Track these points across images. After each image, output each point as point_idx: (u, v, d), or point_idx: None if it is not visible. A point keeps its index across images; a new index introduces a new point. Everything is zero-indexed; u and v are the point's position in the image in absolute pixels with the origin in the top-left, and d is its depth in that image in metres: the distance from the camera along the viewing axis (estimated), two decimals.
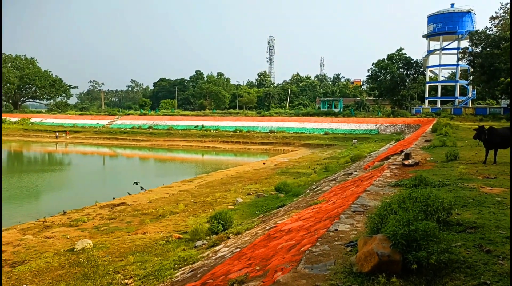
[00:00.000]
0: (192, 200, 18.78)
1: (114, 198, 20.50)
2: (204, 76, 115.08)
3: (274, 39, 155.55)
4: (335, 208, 7.33)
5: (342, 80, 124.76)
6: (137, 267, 8.85)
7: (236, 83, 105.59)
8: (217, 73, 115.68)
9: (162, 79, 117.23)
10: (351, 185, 11.01)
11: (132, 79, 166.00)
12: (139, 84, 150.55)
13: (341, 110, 68.19)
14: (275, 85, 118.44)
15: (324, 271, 4.00)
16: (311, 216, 7.60)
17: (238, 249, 7.36)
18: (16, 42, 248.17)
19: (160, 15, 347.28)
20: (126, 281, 7.99)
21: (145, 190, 22.66)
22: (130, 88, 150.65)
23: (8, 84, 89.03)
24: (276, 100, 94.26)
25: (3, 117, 77.08)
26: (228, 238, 9.61)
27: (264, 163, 32.98)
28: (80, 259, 9.89)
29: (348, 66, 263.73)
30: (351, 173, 16.29)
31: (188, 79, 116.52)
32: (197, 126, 63.83)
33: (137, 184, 21.60)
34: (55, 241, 13.06)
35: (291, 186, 18.06)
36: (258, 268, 4.79)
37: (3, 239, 13.88)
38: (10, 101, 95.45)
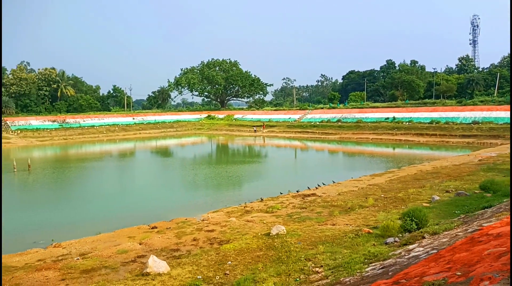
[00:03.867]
0: (382, 195, 18.17)
1: (308, 188, 21.43)
2: (396, 65, 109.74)
3: (478, 18, 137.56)
4: None
5: None
6: (327, 257, 9.00)
7: (432, 71, 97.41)
8: (410, 61, 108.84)
9: (351, 72, 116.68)
10: None
11: (321, 74, 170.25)
12: (328, 78, 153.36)
13: None
14: (480, 69, 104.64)
15: None
16: None
17: (435, 251, 6.76)
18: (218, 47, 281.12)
19: (349, 7, 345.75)
20: (317, 269, 8.22)
21: (334, 182, 23.00)
22: (319, 83, 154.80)
23: (217, 85, 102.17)
24: (482, 87, 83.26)
25: (213, 114, 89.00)
26: (423, 237, 8.93)
27: (468, 156, 29.54)
28: (275, 243, 10.63)
29: None
30: None
31: (378, 69, 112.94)
32: (387, 118, 61.40)
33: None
34: (254, 225, 14.40)
35: (500, 184, 15.67)
36: (459, 273, 4.28)
37: (213, 219, 16.02)
38: (218, 100, 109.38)
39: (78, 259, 11.61)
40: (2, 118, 68.33)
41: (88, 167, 36.73)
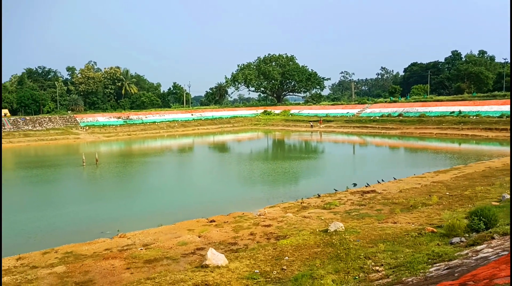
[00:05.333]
0: (447, 193, 17.30)
1: (367, 185, 20.89)
2: (462, 56, 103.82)
3: None
4: None
5: None
6: (388, 256, 8.71)
7: (502, 61, 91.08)
8: (478, 51, 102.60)
9: (413, 64, 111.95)
10: None
11: (381, 67, 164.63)
12: (389, 71, 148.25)
13: None
14: None
15: None
16: None
17: (506, 252, 6.32)
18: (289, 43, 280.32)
19: None
20: (377, 268, 7.97)
21: (395, 179, 22.23)
22: (379, 76, 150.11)
23: (273, 81, 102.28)
24: None
25: (269, 110, 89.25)
26: (492, 238, 8.38)
27: None
28: (333, 240, 10.46)
29: None
30: None
31: (443, 61, 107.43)
32: (453, 112, 58.30)
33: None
34: (311, 221, 14.26)
35: None
36: None
37: (270, 214, 16.08)
38: (274, 95, 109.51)
39: (141, 249, 12.12)
40: (73, 115, 72.96)
41: (150, 162, 38.26)
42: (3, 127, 60.94)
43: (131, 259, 11.03)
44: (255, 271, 8.71)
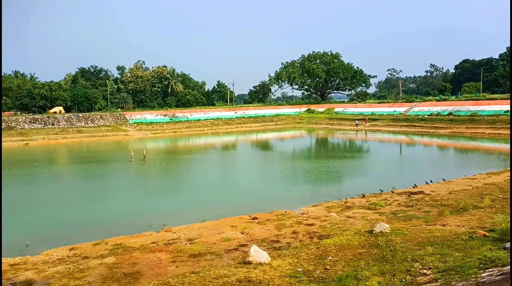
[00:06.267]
0: (500, 195, 16.47)
1: (414, 186, 20.27)
2: None
3: None
4: None
5: None
6: (436, 259, 8.41)
7: None
8: None
9: (465, 61, 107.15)
10: None
11: (431, 64, 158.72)
12: (438, 68, 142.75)
13: None
14: None
15: None
16: None
17: None
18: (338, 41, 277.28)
19: None
20: (425, 271, 7.72)
21: (444, 180, 21.43)
22: (428, 73, 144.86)
23: (317, 79, 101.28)
24: None
25: (313, 108, 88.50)
26: None
27: None
28: (379, 242, 10.22)
29: None
30: None
31: (497, 57, 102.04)
32: (507, 111, 55.30)
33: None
34: (355, 221, 14.03)
35: None
36: None
37: (312, 213, 15.96)
38: (318, 93, 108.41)
39: (186, 243, 12.40)
40: (122, 112, 75.68)
41: (194, 159, 39.03)
42: (57, 124, 64.22)
43: (176, 253, 11.32)
44: (298, 269, 8.68)
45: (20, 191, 25.69)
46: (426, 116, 63.67)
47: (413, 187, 20.17)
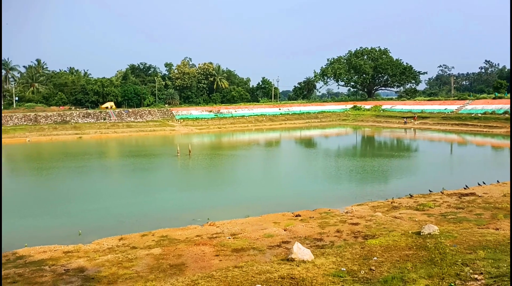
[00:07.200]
0: None
1: (465, 187, 19.43)
2: None
3: None
4: None
5: None
6: (489, 264, 8.03)
7: None
8: None
9: None
10: None
11: (485, 60, 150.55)
12: (494, 64, 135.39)
13: None
14: None
15: None
16: None
17: None
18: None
19: None
20: (476, 276, 7.38)
21: (498, 182, 20.38)
22: (482, 70, 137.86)
23: (364, 75, 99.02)
24: None
25: (359, 105, 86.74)
26: None
27: None
28: (427, 244, 9.88)
29: None
30: None
31: None
32: None
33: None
34: (402, 222, 13.63)
35: None
36: None
37: (357, 212, 15.68)
38: (365, 90, 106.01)
39: (229, 238, 12.56)
40: (169, 108, 77.64)
41: (238, 155, 39.38)
42: (108, 118, 66.90)
43: (220, 246, 11.48)
44: (342, 269, 8.55)
45: (73, 182, 27.01)
46: (480, 115, 60.65)
47: (464, 188, 19.33)
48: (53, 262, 10.96)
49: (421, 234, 10.88)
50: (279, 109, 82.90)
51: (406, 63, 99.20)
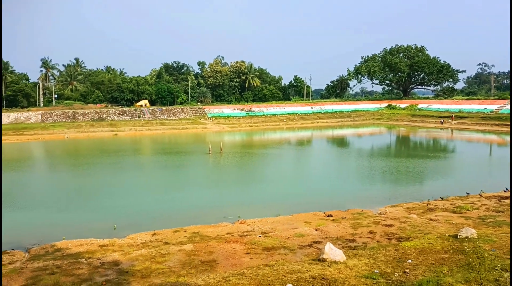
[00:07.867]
0: None
1: (505, 190, 18.66)
2: None
3: None
4: None
5: None
6: None
7: None
8: None
9: None
10: None
11: None
12: None
13: None
14: None
15: None
16: None
17: None
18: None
19: None
20: None
21: None
22: None
23: (400, 73, 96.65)
24: None
25: (393, 104, 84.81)
26: None
27: None
28: (465, 247, 9.54)
29: None
30: None
31: None
32: None
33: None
34: (437, 224, 13.23)
35: None
36: None
37: (391, 213, 15.33)
38: (400, 88, 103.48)
39: (260, 236, 12.56)
40: (201, 106, 78.52)
41: (269, 153, 39.35)
42: (142, 116, 68.38)
43: (250, 245, 11.50)
44: (375, 271, 8.38)
45: (108, 178, 27.77)
46: None
47: (505, 191, 18.58)
48: (90, 255, 11.30)
49: (458, 237, 10.51)
50: (311, 107, 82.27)
51: (444, 61, 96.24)
